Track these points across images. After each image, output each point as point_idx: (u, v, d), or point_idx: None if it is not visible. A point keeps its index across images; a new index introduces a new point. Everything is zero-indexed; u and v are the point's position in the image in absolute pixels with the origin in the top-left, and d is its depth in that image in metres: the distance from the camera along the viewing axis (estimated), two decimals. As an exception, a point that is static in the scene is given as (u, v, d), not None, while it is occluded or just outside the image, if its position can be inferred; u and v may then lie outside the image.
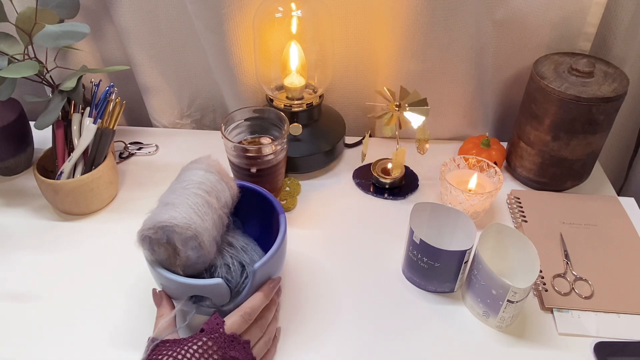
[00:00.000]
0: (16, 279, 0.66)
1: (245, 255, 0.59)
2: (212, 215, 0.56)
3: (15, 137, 0.80)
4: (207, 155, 0.61)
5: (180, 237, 0.52)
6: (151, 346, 0.49)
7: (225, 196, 0.59)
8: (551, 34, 0.78)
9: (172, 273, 0.55)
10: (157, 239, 0.53)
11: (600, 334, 0.60)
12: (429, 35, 0.76)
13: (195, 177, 0.57)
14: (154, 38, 0.84)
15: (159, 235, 0.53)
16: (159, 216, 0.53)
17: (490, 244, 0.62)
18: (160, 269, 0.55)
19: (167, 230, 0.52)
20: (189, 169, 0.59)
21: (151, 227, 0.53)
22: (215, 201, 0.57)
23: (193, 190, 0.56)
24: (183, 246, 0.53)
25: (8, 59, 0.69)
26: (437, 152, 0.86)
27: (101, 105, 0.74)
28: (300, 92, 0.80)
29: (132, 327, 0.60)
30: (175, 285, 0.55)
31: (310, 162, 0.82)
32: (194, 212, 0.54)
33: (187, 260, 0.54)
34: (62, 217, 0.75)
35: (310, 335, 0.60)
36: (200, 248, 0.53)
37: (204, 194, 0.56)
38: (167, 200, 0.55)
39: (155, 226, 0.53)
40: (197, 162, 0.60)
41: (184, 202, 0.54)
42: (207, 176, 0.58)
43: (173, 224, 0.52)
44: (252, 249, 0.61)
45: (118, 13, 0.81)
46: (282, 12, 0.76)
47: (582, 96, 0.68)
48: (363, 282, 0.66)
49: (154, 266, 0.55)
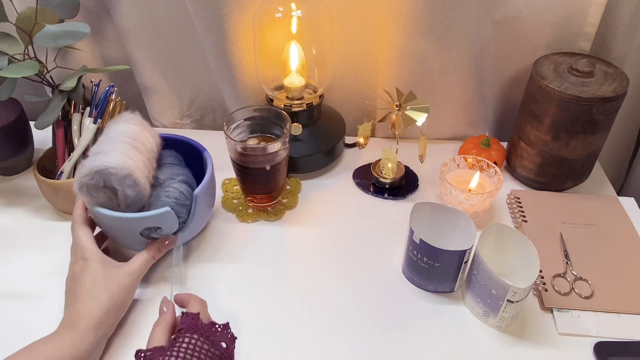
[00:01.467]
0: (16, 279, 0.66)
1: (185, 185, 0.65)
2: (141, 157, 0.62)
3: (15, 137, 0.80)
4: (128, 111, 0.67)
5: (116, 178, 0.58)
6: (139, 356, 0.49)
7: (150, 143, 0.65)
8: (551, 34, 0.78)
9: (122, 212, 0.60)
10: (94, 184, 0.58)
11: (600, 333, 0.60)
12: (429, 35, 0.76)
13: (119, 128, 0.63)
14: (154, 38, 0.84)
15: (96, 180, 0.58)
16: (93, 162, 0.58)
17: (490, 244, 0.62)
18: (110, 211, 0.59)
19: (103, 174, 0.58)
20: (112, 124, 0.65)
21: (87, 174, 0.58)
22: (141, 146, 0.63)
23: (120, 138, 0.62)
24: (120, 185, 0.58)
25: (8, 59, 0.69)
26: (437, 152, 0.86)
27: (101, 105, 0.74)
28: (300, 92, 0.80)
29: (132, 326, 0.60)
30: (128, 221, 0.60)
31: (310, 162, 0.82)
32: (124, 155, 0.60)
33: (126, 199, 0.60)
34: (62, 217, 0.75)
35: (309, 335, 0.60)
36: (136, 185, 0.59)
37: (130, 141, 0.62)
38: (98, 150, 0.61)
39: (92, 171, 0.58)
40: (119, 117, 0.66)
41: (113, 149, 0.60)
42: (130, 127, 0.64)
43: (107, 167, 0.58)
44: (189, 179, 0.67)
45: (118, 13, 0.81)
46: (282, 12, 0.76)
47: (582, 96, 0.68)
48: (363, 281, 0.66)
49: (100, 210, 0.59)
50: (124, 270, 0.59)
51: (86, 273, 0.57)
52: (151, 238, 0.63)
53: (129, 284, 0.59)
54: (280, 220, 0.75)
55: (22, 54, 0.72)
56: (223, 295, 0.64)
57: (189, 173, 0.69)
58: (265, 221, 0.75)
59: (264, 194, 0.74)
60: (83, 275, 0.57)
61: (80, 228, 0.61)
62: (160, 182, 0.65)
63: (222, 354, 0.51)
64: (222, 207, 0.77)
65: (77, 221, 0.61)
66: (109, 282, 0.57)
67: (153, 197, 0.63)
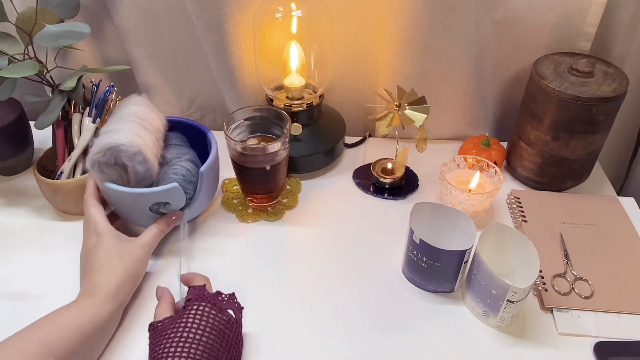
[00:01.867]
0: (16, 279, 0.66)
1: (191, 163, 0.69)
2: (150, 136, 0.65)
3: (15, 137, 0.80)
4: (135, 94, 0.71)
5: (127, 155, 0.61)
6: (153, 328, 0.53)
7: (157, 123, 0.69)
8: (551, 34, 0.78)
9: (133, 188, 0.63)
10: (106, 161, 0.62)
11: (600, 333, 0.60)
12: (429, 35, 0.76)
13: (129, 109, 0.67)
14: (154, 38, 0.84)
15: (107, 157, 0.61)
16: (105, 140, 0.61)
17: (490, 244, 0.62)
18: (121, 187, 0.63)
19: (115, 151, 0.61)
20: (121, 106, 0.69)
21: (99, 151, 0.61)
22: (149, 126, 0.66)
23: (129, 118, 0.65)
24: (130, 162, 0.61)
25: (8, 59, 0.69)
26: (437, 152, 0.86)
27: (101, 105, 0.74)
28: (300, 92, 0.80)
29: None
30: (138, 197, 0.63)
31: (310, 162, 0.82)
32: (134, 133, 0.63)
33: (137, 175, 0.63)
34: (62, 217, 0.75)
35: (310, 335, 0.60)
36: (146, 162, 0.62)
37: (139, 121, 0.65)
38: (108, 129, 0.64)
39: (103, 149, 0.61)
40: (127, 100, 0.70)
41: (124, 128, 0.63)
42: (138, 108, 0.67)
43: (119, 144, 0.61)
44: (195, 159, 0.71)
45: (118, 13, 0.81)
46: (282, 12, 0.76)
47: (582, 96, 0.68)
48: (363, 281, 0.66)
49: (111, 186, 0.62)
50: (136, 243, 0.62)
51: (100, 247, 0.60)
52: (160, 213, 0.66)
53: (142, 255, 0.62)
54: (280, 220, 0.75)
55: (22, 54, 0.72)
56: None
57: (194, 153, 0.72)
58: (265, 221, 0.75)
59: (264, 194, 0.74)
60: (97, 250, 0.60)
61: (92, 205, 0.63)
62: (167, 161, 0.68)
63: (229, 320, 0.54)
64: (222, 207, 0.77)
65: (89, 198, 0.64)
66: (122, 254, 0.60)
67: (161, 175, 0.66)
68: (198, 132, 0.74)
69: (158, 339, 0.51)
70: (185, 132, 0.75)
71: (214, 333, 0.52)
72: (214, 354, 0.51)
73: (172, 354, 0.49)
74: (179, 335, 0.50)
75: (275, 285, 0.66)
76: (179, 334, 0.51)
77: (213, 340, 0.51)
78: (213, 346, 0.51)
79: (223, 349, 0.52)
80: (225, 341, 0.53)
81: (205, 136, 0.73)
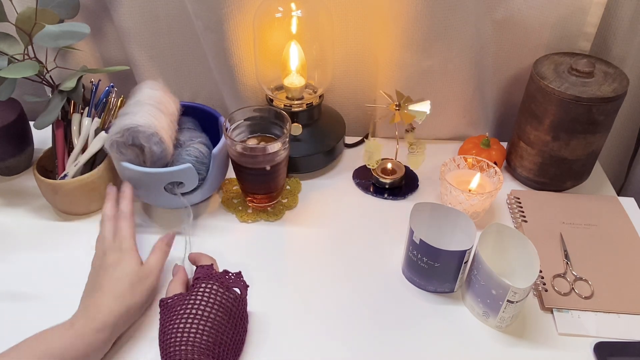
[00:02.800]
0: (16, 279, 0.66)
1: (203, 146, 0.72)
2: (165, 118, 0.68)
3: (15, 137, 0.80)
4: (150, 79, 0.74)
5: (144, 135, 0.64)
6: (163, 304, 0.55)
7: (172, 107, 0.72)
8: (551, 34, 0.78)
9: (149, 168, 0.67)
10: (124, 142, 0.65)
11: (600, 334, 0.60)
12: (429, 35, 0.76)
13: (144, 93, 0.70)
14: (154, 38, 0.84)
15: (125, 137, 0.64)
16: (123, 122, 0.64)
17: (490, 244, 0.62)
18: (138, 167, 0.66)
19: (132, 131, 0.64)
20: (137, 90, 0.71)
21: (118, 132, 0.64)
22: (165, 109, 0.69)
23: (145, 101, 0.68)
24: (147, 143, 0.64)
25: (8, 59, 0.69)
26: (437, 152, 0.86)
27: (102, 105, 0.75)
28: (300, 92, 0.80)
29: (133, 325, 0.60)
30: (154, 176, 0.67)
31: (310, 162, 0.82)
32: (150, 115, 0.66)
33: (153, 155, 0.66)
34: (62, 217, 0.75)
35: (309, 335, 0.60)
36: (162, 142, 0.65)
37: (154, 104, 0.68)
38: (126, 111, 0.66)
39: (122, 129, 0.64)
40: (142, 84, 0.72)
41: (140, 110, 0.66)
42: (153, 92, 0.70)
43: (136, 125, 0.63)
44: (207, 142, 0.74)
45: (118, 13, 0.81)
46: (282, 12, 0.76)
47: (582, 96, 0.68)
48: (363, 281, 0.66)
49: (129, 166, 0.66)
50: (146, 270, 0.61)
51: (120, 267, 0.59)
52: (174, 193, 0.69)
53: (152, 284, 0.61)
54: (280, 220, 0.75)
55: (22, 54, 0.72)
56: (223, 295, 0.64)
57: (206, 137, 0.75)
58: (265, 221, 0.75)
59: (264, 194, 0.74)
60: (115, 269, 0.59)
61: (127, 218, 0.64)
62: (181, 144, 0.71)
63: (236, 298, 0.57)
64: (222, 207, 0.77)
65: (125, 212, 0.65)
66: (134, 283, 0.59)
67: (175, 156, 0.70)
68: (210, 116, 0.77)
69: (168, 315, 0.54)
70: (198, 117, 0.78)
71: (222, 310, 0.54)
72: (222, 330, 0.53)
73: (181, 329, 0.52)
74: (187, 311, 0.53)
75: (275, 285, 0.66)
76: (187, 310, 0.53)
77: (220, 317, 0.54)
78: (220, 322, 0.53)
79: (230, 325, 0.55)
80: (232, 318, 0.55)
81: (217, 121, 0.77)
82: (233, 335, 0.55)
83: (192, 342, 0.51)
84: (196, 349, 0.50)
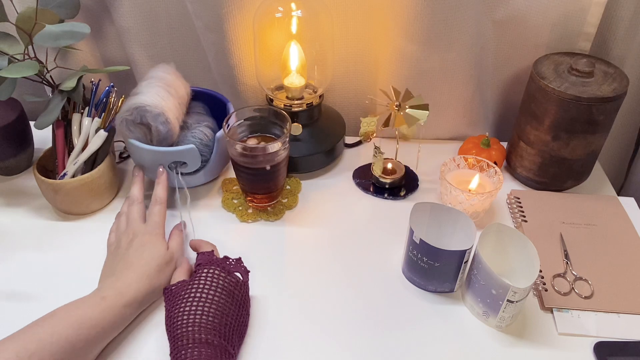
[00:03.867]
0: (16, 279, 0.66)
1: (209, 129, 0.75)
2: (173, 101, 0.71)
3: (15, 137, 0.80)
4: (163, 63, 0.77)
5: (151, 115, 0.67)
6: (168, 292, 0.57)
7: (181, 91, 0.75)
8: (551, 34, 0.78)
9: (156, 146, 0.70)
10: (132, 120, 0.68)
11: (600, 333, 0.60)
12: (429, 35, 0.76)
13: (156, 75, 0.73)
14: (154, 38, 0.84)
15: (134, 116, 0.68)
16: (132, 101, 0.68)
17: (490, 244, 0.62)
18: (145, 144, 0.70)
19: (141, 110, 0.67)
20: (151, 72, 0.75)
21: (127, 110, 0.68)
22: (174, 92, 0.72)
23: (155, 83, 0.71)
24: (154, 122, 0.68)
25: (8, 59, 0.69)
26: (437, 152, 0.86)
27: (102, 105, 0.74)
28: (300, 92, 0.80)
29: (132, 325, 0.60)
30: (159, 154, 0.70)
31: (310, 162, 0.82)
32: (158, 96, 0.69)
33: (159, 134, 0.69)
34: (62, 217, 0.75)
35: (309, 335, 0.60)
36: (168, 122, 0.69)
37: (164, 86, 0.71)
38: (136, 91, 0.70)
39: (131, 108, 0.68)
40: (156, 67, 0.76)
41: (150, 91, 0.69)
42: (165, 75, 0.74)
43: (145, 104, 0.67)
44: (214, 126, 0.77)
45: (118, 13, 0.81)
46: (282, 12, 0.76)
47: (582, 96, 0.68)
48: (363, 282, 0.66)
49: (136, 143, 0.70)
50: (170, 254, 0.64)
51: (149, 250, 0.62)
52: (177, 172, 0.71)
53: (173, 268, 0.63)
54: (280, 220, 0.75)
55: (22, 54, 0.72)
56: (223, 295, 0.64)
57: (213, 122, 0.78)
58: (265, 221, 0.75)
59: (264, 194, 0.74)
60: (144, 250, 0.62)
61: (162, 204, 0.68)
62: (187, 126, 0.74)
63: (237, 282, 0.58)
64: (222, 207, 0.77)
65: (160, 197, 0.69)
66: (162, 265, 0.62)
67: (181, 137, 0.73)
68: (219, 102, 0.81)
69: (173, 301, 0.55)
70: (208, 102, 0.81)
71: (225, 293, 0.56)
72: (226, 312, 0.55)
73: (187, 312, 0.53)
74: (192, 295, 0.55)
75: (275, 285, 0.66)
76: (192, 294, 0.55)
77: (224, 300, 0.56)
78: (225, 305, 0.55)
79: (234, 307, 0.56)
80: (235, 301, 0.57)
81: (225, 106, 0.80)
82: (237, 318, 0.57)
83: (199, 323, 0.52)
84: (203, 329, 0.52)
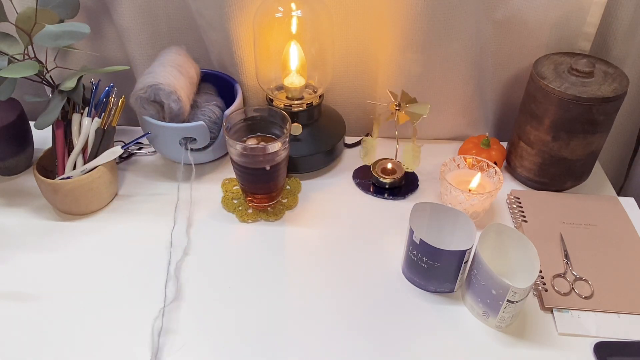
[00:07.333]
0: (16, 279, 0.66)
1: (217, 108, 0.79)
2: (185, 80, 0.76)
3: (15, 137, 0.80)
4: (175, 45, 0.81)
5: (164, 93, 0.71)
6: None
7: (192, 71, 0.79)
8: (551, 34, 0.78)
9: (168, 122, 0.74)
10: (146, 97, 0.72)
11: (600, 334, 0.60)
12: (429, 35, 0.76)
13: (167, 56, 0.78)
14: (154, 38, 0.84)
15: (148, 94, 0.72)
16: (146, 80, 0.72)
17: (490, 244, 0.62)
18: (157, 121, 0.74)
19: (154, 88, 0.71)
20: (162, 54, 0.79)
21: (142, 88, 0.72)
22: (185, 72, 0.77)
23: (167, 64, 0.76)
24: (166, 99, 0.72)
25: (8, 59, 0.69)
26: (437, 152, 0.86)
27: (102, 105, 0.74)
28: (300, 92, 0.80)
29: (133, 325, 0.60)
30: (171, 130, 0.75)
31: (310, 162, 0.82)
32: (171, 75, 0.73)
33: (171, 112, 0.73)
34: (62, 217, 0.75)
35: (309, 335, 0.60)
36: (179, 101, 0.73)
37: (176, 66, 0.76)
38: (150, 71, 0.74)
39: (145, 86, 0.72)
40: (167, 49, 0.80)
41: (162, 71, 0.74)
42: (176, 56, 0.78)
43: (158, 82, 0.71)
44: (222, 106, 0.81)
45: (118, 13, 0.81)
46: (282, 12, 0.76)
47: (582, 96, 0.68)
48: (363, 281, 0.66)
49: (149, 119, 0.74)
50: None
51: None
52: (187, 148, 0.76)
53: None
54: (280, 220, 0.75)
55: (22, 54, 0.72)
56: (223, 295, 0.64)
57: (222, 102, 0.82)
58: (265, 221, 0.75)
59: (264, 194, 0.74)
60: None
61: None
62: (198, 105, 0.79)
63: None
64: (222, 207, 0.77)
65: None
66: None
67: (191, 115, 0.77)
68: (227, 83, 0.85)
69: None
70: (216, 83, 0.85)
71: None
72: None
73: None
74: None
75: (275, 285, 0.66)
76: None
77: None
78: None
79: None
80: None
81: (232, 87, 0.84)
82: None
83: None
84: None
